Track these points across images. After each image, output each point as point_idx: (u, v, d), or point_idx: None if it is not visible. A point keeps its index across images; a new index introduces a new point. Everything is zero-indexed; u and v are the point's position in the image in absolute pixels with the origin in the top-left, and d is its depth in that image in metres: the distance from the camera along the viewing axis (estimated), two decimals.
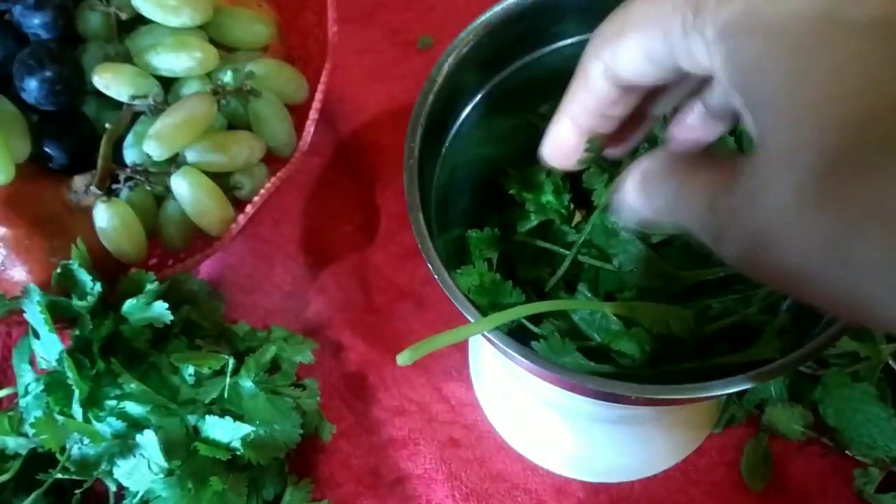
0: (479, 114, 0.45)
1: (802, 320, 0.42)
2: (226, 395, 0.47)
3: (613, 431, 0.51)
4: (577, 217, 0.47)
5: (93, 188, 0.49)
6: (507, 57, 0.45)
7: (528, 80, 0.46)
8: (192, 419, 0.46)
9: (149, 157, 0.49)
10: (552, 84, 0.47)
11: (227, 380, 0.47)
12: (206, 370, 0.47)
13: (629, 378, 0.36)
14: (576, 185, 0.47)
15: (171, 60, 0.50)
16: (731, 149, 0.46)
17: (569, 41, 0.46)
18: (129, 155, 0.51)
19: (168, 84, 0.52)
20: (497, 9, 0.42)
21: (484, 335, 0.36)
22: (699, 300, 0.43)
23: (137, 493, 0.45)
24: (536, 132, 0.35)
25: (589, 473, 0.51)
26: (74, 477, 0.47)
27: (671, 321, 0.41)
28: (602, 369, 0.41)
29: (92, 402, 0.45)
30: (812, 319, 0.39)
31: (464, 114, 0.44)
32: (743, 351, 0.42)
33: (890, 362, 0.49)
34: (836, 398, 0.48)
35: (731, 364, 0.42)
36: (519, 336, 0.41)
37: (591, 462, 0.51)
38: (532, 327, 0.44)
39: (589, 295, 0.44)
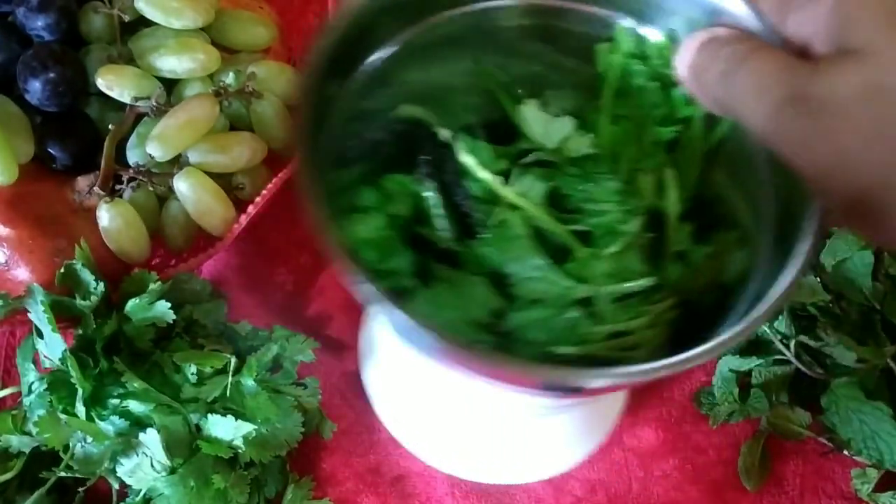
0: (390, 65, 0.39)
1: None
2: (228, 394, 0.47)
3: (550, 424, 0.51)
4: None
5: (96, 189, 0.50)
6: (428, 7, 0.39)
7: (449, 36, 0.40)
8: (194, 418, 0.47)
9: (151, 157, 0.49)
10: (477, 44, 0.40)
11: (229, 378, 0.47)
12: (208, 369, 0.47)
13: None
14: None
15: (173, 62, 0.50)
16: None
17: (502, 2, 0.39)
18: (132, 156, 0.51)
19: (171, 85, 0.52)
20: None
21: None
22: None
23: (140, 491, 0.46)
24: (456, 91, 0.31)
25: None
26: (77, 475, 0.47)
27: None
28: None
29: (95, 401, 0.46)
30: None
31: (371, 60, 0.39)
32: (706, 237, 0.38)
33: (889, 362, 0.49)
34: (844, 409, 0.48)
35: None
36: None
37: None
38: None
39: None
